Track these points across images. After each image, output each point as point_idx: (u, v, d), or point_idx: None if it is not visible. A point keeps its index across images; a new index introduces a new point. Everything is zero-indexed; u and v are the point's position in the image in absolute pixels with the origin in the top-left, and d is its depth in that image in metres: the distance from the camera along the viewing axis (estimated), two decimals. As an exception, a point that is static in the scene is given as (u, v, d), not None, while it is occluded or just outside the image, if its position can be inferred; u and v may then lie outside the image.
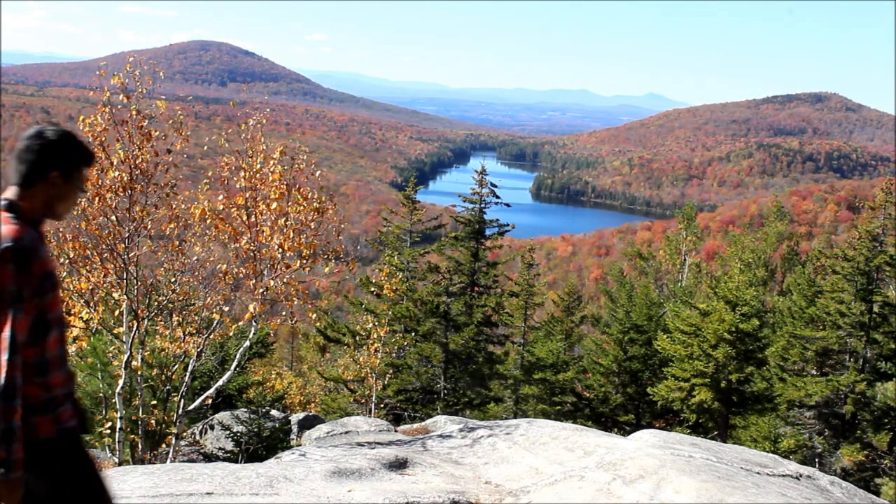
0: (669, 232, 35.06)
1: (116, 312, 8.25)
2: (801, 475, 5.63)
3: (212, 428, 11.16)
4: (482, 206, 17.47)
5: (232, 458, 9.74)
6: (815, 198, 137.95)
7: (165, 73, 8.49)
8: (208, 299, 8.14)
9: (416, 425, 10.09)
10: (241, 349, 8.53)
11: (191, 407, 8.34)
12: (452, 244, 17.47)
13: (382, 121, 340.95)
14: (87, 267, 7.54)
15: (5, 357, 2.24)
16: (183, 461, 8.90)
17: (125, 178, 7.33)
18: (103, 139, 7.28)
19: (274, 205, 7.93)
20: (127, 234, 7.48)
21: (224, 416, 11.27)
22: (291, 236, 7.92)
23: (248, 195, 7.91)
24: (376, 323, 14.00)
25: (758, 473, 5.29)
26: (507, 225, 17.90)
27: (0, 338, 2.24)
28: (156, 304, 8.37)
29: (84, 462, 2.58)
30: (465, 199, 17.66)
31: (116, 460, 7.80)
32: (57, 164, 2.49)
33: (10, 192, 2.47)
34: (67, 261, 7.37)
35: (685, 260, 29.56)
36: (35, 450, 2.38)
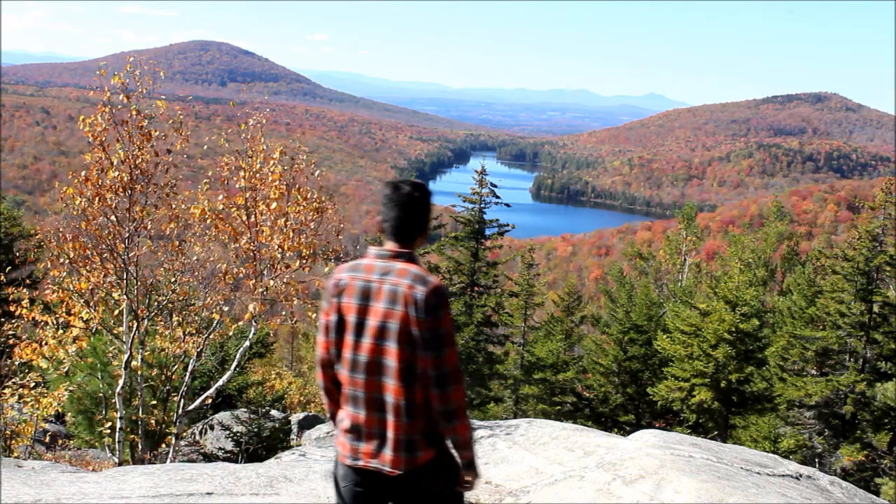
0: (669, 232, 35.05)
1: (116, 312, 8.24)
2: (801, 475, 5.62)
3: (212, 428, 11.16)
4: (482, 206, 17.46)
5: (232, 458, 9.74)
6: (815, 198, 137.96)
7: (165, 73, 8.49)
8: (208, 299, 8.14)
9: (416, 425, 10.07)
10: (241, 349, 8.53)
11: (191, 407, 8.34)
12: (452, 244, 17.47)
13: (382, 121, 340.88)
14: (87, 267, 7.54)
15: (455, 386, 2.56)
16: (183, 461, 8.89)
17: (125, 178, 7.33)
18: (103, 139, 7.28)
19: (274, 205, 7.93)
20: (127, 234, 7.48)
21: (224, 416, 11.27)
22: (291, 236, 7.92)
23: (247, 195, 7.91)
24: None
25: (758, 473, 5.29)
26: (507, 225, 17.88)
27: (454, 368, 2.56)
28: (156, 304, 8.37)
29: None
30: (465, 199, 17.65)
31: (116, 460, 7.80)
32: (431, 213, 2.75)
33: (394, 246, 2.68)
34: (67, 261, 7.37)
35: (685, 260, 29.55)
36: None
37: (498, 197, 17.81)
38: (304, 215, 8.02)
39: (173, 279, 8.26)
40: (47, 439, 9.99)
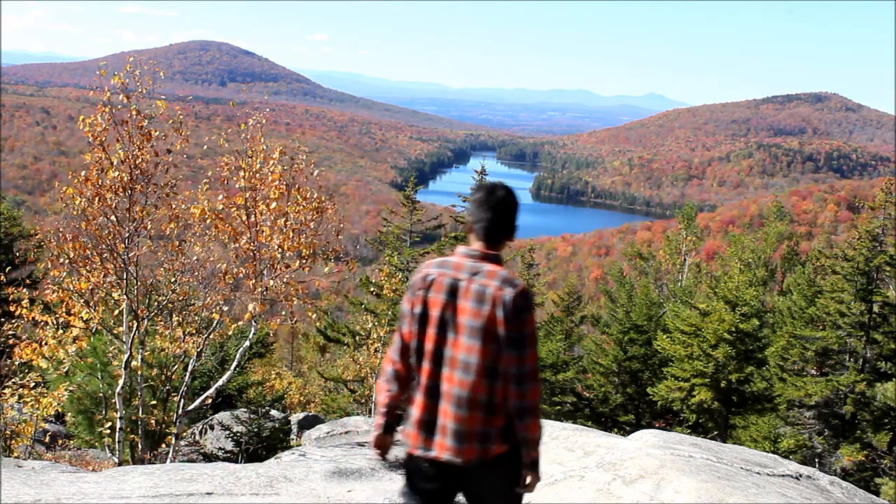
0: (669, 232, 35.05)
1: (116, 312, 8.24)
2: (801, 475, 5.62)
3: (212, 428, 11.16)
4: (482, 206, 17.44)
5: (232, 458, 9.75)
6: (815, 198, 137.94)
7: (165, 73, 8.48)
8: (208, 299, 8.13)
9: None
10: (241, 349, 8.53)
11: (191, 407, 8.34)
12: (452, 244, 17.46)
13: (382, 121, 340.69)
14: (87, 267, 7.53)
15: (533, 385, 2.66)
16: (183, 461, 8.90)
17: (125, 178, 7.33)
18: (103, 139, 7.28)
19: (273, 205, 7.93)
20: (127, 234, 7.48)
21: (224, 416, 11.27)
22: (291, 236, 7.92)
23: (247, 195, 7.91)
24: (376, 323, 13.99)
25: (758, 473, 5.29)
26: (507, 225, 17.86)
27: (534, 368, 2.66)
28: (156, 304, 8.37)
29: None
30: (465, 199, 17.65)
31: (116, 460, 7.80)
32: (517, 217, 2.83)
33: (482, 246, 2.76)
34: (67, 261, 7.37)
35: (685, 260, 29.55)
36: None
37: (498, 197, 17.78)
38: (304, 215, 8.02)
39: (173, 279, 8.26)
40: (47, 439, 9.99)
